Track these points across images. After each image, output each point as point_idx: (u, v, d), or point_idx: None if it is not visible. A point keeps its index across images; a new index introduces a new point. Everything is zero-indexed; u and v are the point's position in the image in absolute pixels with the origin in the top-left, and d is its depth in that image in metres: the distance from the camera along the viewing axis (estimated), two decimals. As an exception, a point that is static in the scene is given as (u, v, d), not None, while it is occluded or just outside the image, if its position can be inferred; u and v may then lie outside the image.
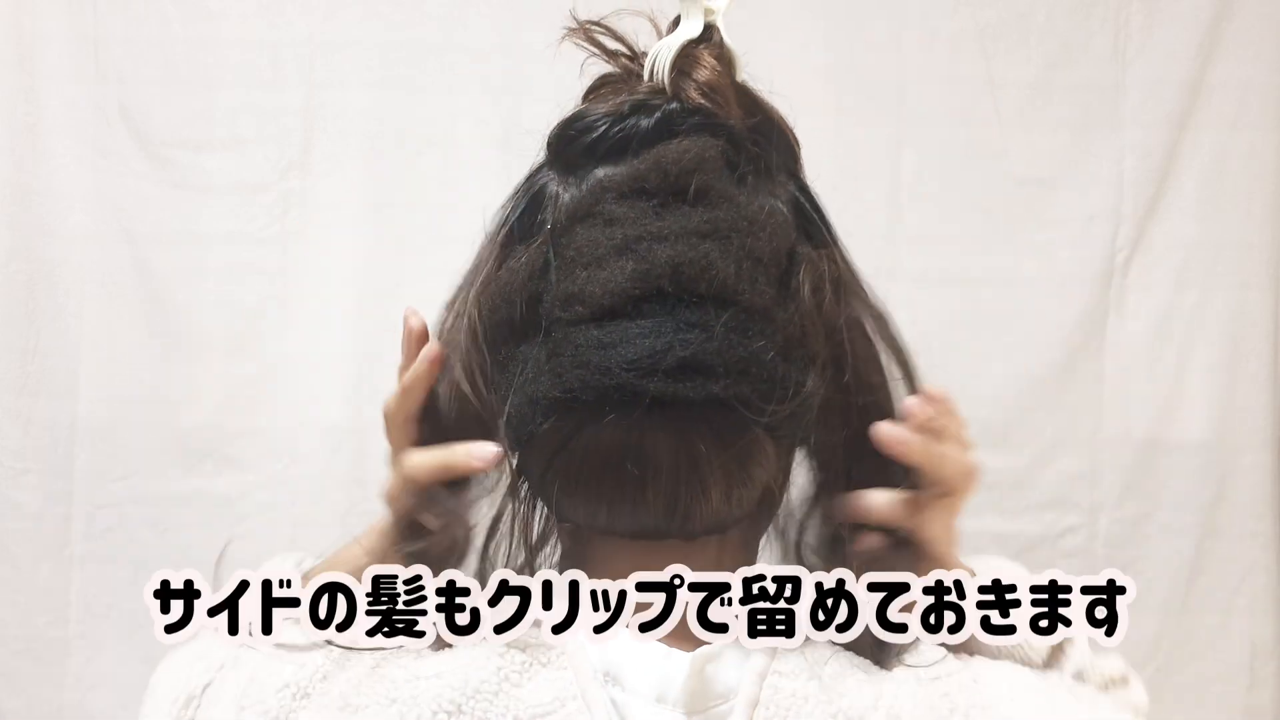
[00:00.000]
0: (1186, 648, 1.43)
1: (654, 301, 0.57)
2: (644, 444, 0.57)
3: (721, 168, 0.61)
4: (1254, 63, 1.44)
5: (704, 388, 0.56)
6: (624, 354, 0.56)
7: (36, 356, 1.40)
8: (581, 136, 0.63)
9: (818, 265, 0.63)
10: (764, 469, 0.60)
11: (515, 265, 0.61)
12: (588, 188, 0.61)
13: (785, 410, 0.58)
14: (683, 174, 0.60)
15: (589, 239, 0.59)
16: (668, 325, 0.57)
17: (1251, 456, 1.43)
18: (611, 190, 0.60)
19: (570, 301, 0.58)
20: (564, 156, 0.64)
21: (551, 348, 0.59)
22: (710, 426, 0.57)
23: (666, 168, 0.60)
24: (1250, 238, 1.45)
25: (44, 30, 1.41)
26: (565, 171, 0.63)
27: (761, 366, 0.58)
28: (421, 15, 1.42)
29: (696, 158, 0.60)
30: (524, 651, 0.58)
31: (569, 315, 0.58)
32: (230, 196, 1.42)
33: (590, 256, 0.59)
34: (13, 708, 1.40)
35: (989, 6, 1.44)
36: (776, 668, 0.58)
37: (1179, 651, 1.43)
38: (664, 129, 0.61)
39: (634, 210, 0.59)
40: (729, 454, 0.58)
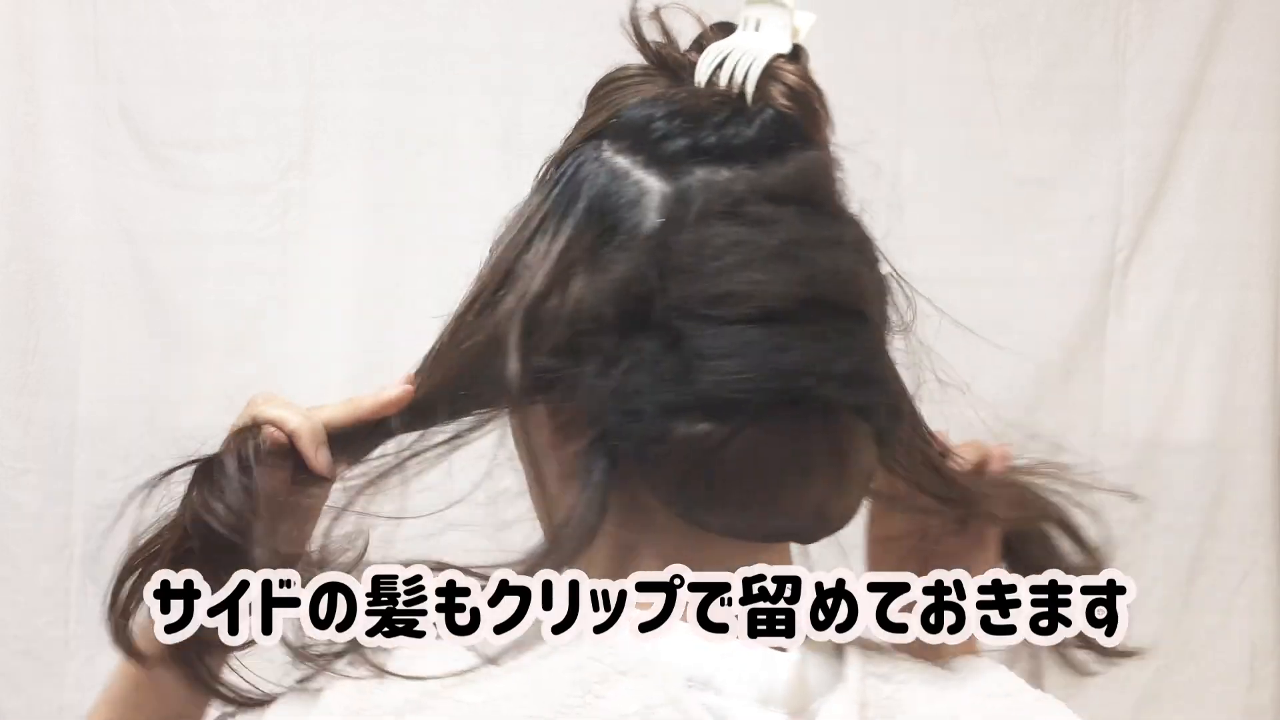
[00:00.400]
0: (1186, 648, 1.43)
1: (815, 307, 0.58)
2: (808, 448, 0.58)
3: (832, 181, 0.63)
4: (1254, 63, 1.44)
5: (864, 395, 0.58)
6: (796, 358, 0.56)
7: (36, 356, 1.40)
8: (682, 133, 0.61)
9: (891, 283, 0.66)
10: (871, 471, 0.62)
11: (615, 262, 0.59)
12: (712, 187, 0.59)
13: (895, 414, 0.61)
14: (818, 185, 0.61)
15: (734, 239, 0.58)
16: (831, 332, 0.58)
17: (1251, 456, 1.44)
18: (759, 192, 0.59)
19: (718, 301, 0.57)
20: (657, 151, 0.61)
21: (693, 348, 0.57)
22: (852, 430, 0.59)
23: (807, 176, 0.61)
24: (1250, 238, 1.45)
25: (44, 30, 1.41)
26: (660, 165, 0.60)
27: (890, 381, 0.62)
28: (421, 15, 1.42)
29: (817, 167, 0.62)
30: (600, 661, 0.56)
31: (718, 314, 0.57)
32: (230, 196, 1.42)
33: (740, 257, 0.57)
34: (13, 708, 1.40)
35: (989, 6, 1.44)
36: (871, 669, 0.59)
37: (1179, 651, 1.43)
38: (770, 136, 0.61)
39: (782, 214, 0.59)
40: (862, 455, 0.60)
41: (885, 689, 0.58)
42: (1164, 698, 1.43)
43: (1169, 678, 1.42)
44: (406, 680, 0.56)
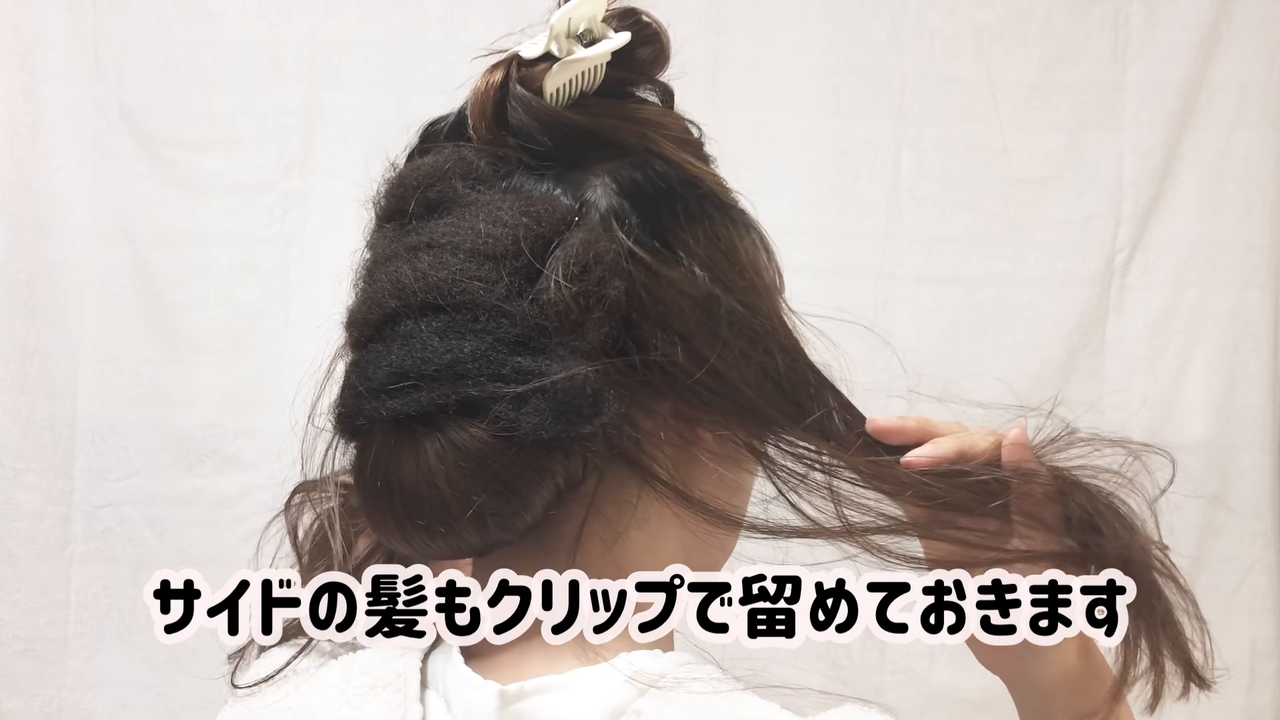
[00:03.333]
0: (1186, 648, 1.43)
1: (387, 323, 0.58)
2: (388, 466, 0.57)
3: (460, 174, 0.61)
4: (1254, 63, 1.44)
5: (414, 399, 0.55)
6: (359, 377, 0.58)
7: (36, 356, 1.40)
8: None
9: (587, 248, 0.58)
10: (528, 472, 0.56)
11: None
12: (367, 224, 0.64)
13: (527, 407, 0.55)
14: (418, 189, 0.60)
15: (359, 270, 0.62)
16: (395, 343, 0.57)
17: (1251, 456, 1.43)
18: (374, 220, 0.63)
19: (346, 333, 0.61)
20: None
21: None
22: (449, 440, 0.55)
23: (406, 186, 0.61)
24: (1250, 238, 1.45)
25: (44, 30, 1.41)
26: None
27: (483, 366, 0.55)
28: (421, 15, 1.42)
29: (429, 171, 0.61)
30: (371, 676, 0.59)
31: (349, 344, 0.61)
32: (230, 196, 1.42)
33: (355, 289, 0.62)
34: (13, 708, 1.40)
35: (988, 6, 1.44)
36: (638, 707, 0.54)
37: (1179, 651, 1.43)
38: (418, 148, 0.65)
39: (380, 236, 0.62)
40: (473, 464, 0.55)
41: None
42: (1164, 697, 1.42)
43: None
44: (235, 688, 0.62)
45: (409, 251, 0.59)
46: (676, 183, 0.62)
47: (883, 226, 1.44)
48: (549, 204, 0.60)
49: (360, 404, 0.57)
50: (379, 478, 0.57)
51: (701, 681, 0.55)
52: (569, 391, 0.55)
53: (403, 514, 0.57)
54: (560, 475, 0.57)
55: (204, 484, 1.41)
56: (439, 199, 0.60)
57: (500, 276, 0.57)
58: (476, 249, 0.57)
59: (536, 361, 0.56)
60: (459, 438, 0.55)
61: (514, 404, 0.55)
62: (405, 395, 0.56)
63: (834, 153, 1.43)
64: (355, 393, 0.58)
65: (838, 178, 1.43)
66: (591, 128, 0.62)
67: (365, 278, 0.61)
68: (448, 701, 0.58)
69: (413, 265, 0.58)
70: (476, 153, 0.61)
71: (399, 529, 0.57)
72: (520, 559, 0.59)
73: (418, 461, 0.56)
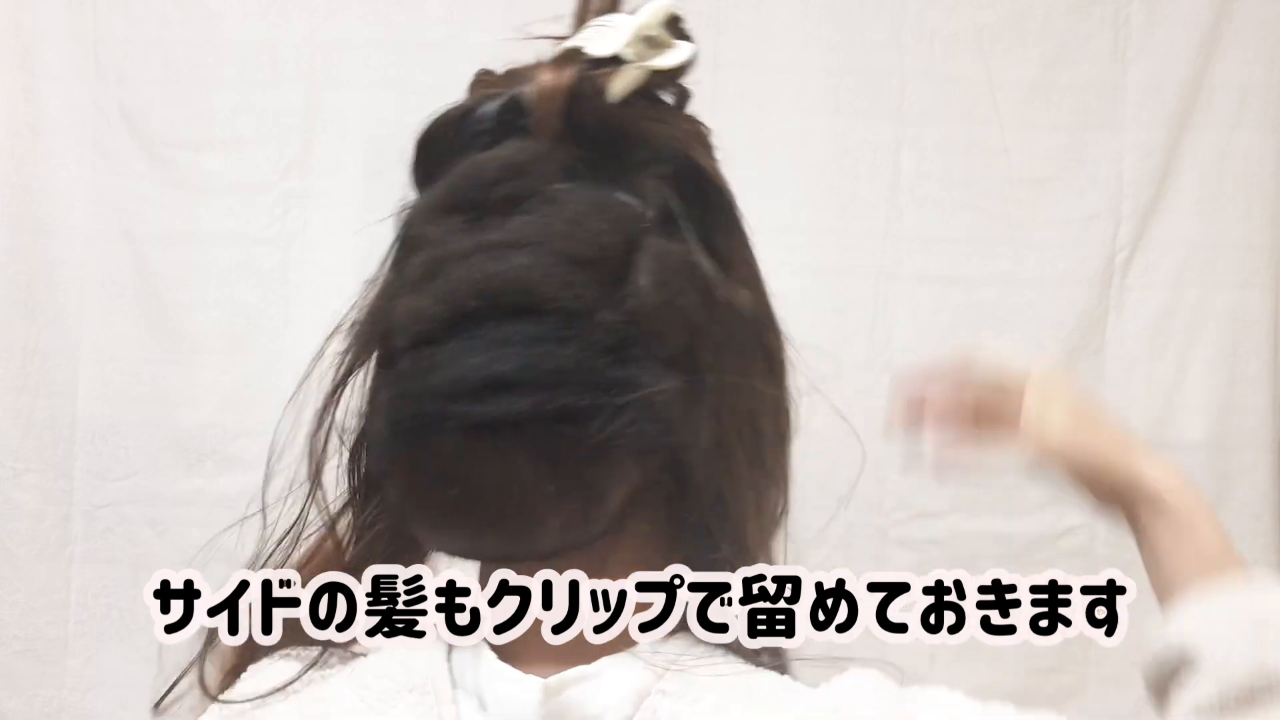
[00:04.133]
0: (1186, 648, 1.43)
1: (463, 323, 0.56)
2: (467, 471, 0.55)
3: (536, 170, 0.59)
4: (1254, 63, 1.44)
5: (510, 405, 0.54)
6: (432, 381, 0.55)
7: (36, 356, 1.40)
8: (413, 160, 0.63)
9: (666, 258, 0.59)
10: (615, 482, 0.57)
11: (376, 293, 0.61)
12: (403, 217, 0.61)
13: (624, 417, 0.55)
14: (491, 183, 0.58)
15: (406, 267, 0.59)
16: (478, 345, 0.55)
17: (1251, 456, 1.43)
18: (423, 210, 0.60)
19: (392, 333, 0.58)
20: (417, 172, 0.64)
21: (386, 380, 0.59)
22: (534, 444, 0.55)
23: (475, 177, 0.59)
24: (1250, 238, 1.45)
25: (44, 30, 1.41)
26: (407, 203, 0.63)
27: (581, 374, 0.55)
28: (421, 15, 1.42)
29: (504, 164, 0.59)
30: (391, 679, 0.57)
31: (400, 343, 0.58)
32: (230, 196, 1.42)
33: (407, 285, 0.58)
34: (13, 707, 1.40)
35: (988, 6, 1.44)
36: (662, 687, 0.56)
37: (1179, 651, 1.42)
38: (475, 135, 0.61)
39: (441, 229, 0.58)
40: (560, 471, 0.55)
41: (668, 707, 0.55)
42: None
43: (1169, 678, 1.42)
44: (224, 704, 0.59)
45: (488, 249, 0.56)
46: (713, 192, 0.63)
47: (883, 226, 1.44)
48: (623, 210, 0.59)
49: (437, 407, 0.55)
50: (453, 483, 0.55)
51: (720, 663, 0.56)
52: (661, 404, 0.56)
53: (481, 518, 0.56)
54: (636, 482, 0.57)
55: (204, 484, 1.41)
56: (516, 195, 0.58)
57: (589, 282, 0.56)
58: (564, 252, 0.56)
59: (627, 371, 0.56)
60: (551, 445, 0.55)
61: (611, 414, 0.55)
62: (498, 401, 0.54)
63: (834, 153, 1.43)
64: (428, 395, 0.55)
65: (838, 178, 1.43)
66: (647, 133, 0.61)
67: (428, 271, 0.57)
68: (481, 700, 0.57)
69: (496, 264, 0.56)
70: (548, 150, 0.60)
71: (470, 532, 0.57)
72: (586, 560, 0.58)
73: (505, 467, 0.55)
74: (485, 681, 0.57)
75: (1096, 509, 0.71)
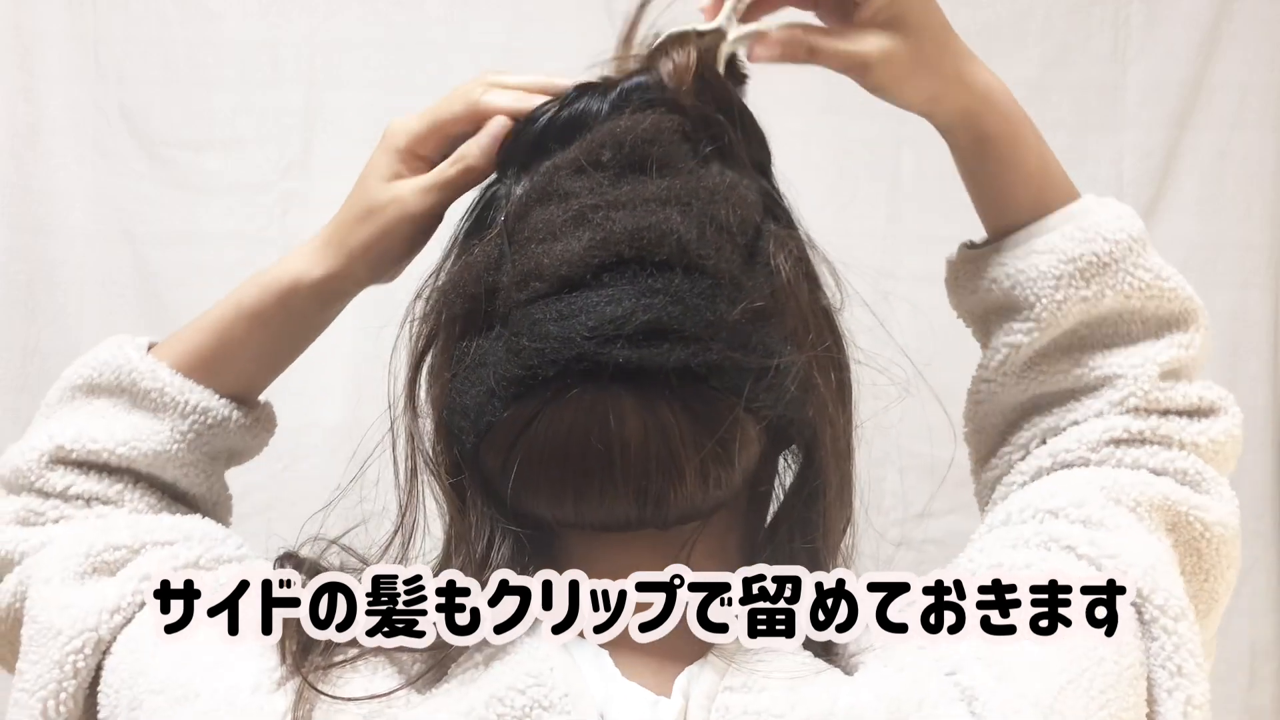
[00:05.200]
0: (1186, 647, 1.43)
1: (614, 270, 0.56)
2: (611, 418, 0.54)
3: (679, 141, 0.60)
4: (1254, 63, 1.44)
5: (670, 353, 0.54)
6: (584, 322, 0.55)
7: (36, 356, 1.40)
8: (527, 128, 0.63)
9: (788, 244, 0.62)
10: (744, 448, 0.58)
11: (469, 259, 0.61)
12: (540, 172, 0.60)
13: (762, 383, 0.56)
14: (638, 144, 0.59)
15: (543, 218, 0.58)
16: (630, 292, 0.55)
17: (1251, 456, 1.43)
18: (564, 168, 0.59)
19: (526, 280, 0.57)
20: (513, 157, 0.64)
21: (510, 331, 0.57)
22: (680, 397, 0.55)
23: (621, 139, 0.59)
24: (1250, 238, 1.44)
25: (44, 30, 1.41)
26: (517, 169, 0.63)
27: (732, 333, 0.56)
28: (422, 15, 1.42)
29: (652, 128, 0.59)
30: (523, 694, 0.55)
31: (526, 294, 0.57)
32: (230, 196, 1.42)
33: (545, 233, 0.57)
34: (13, 708, 1.40)
35: (989, 6, 1.44)
36: (728, 684, 0.56)
37: (1179, 651, 1.42)
38: (617, 106, 0.61)
39: (589, 183, 0.58)
40: (702, 427, 0.56)
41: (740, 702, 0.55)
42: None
43: (1169, 677, 1.42)
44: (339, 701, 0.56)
45: (644, 201, 0.57)
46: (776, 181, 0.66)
47: (883, 226, 1.44)
48: (748, 192, 0.61)
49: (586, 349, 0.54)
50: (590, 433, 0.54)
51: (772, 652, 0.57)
52: (794, 376, 0.57)
53: (618, 473, 0.55)
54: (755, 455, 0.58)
55: (204, 484, 1.41)
56: (658, 159, 0.59)
57: (734, 250, 0.58)
58: (713, 218, 0.57)
59: (768, 339, 0.57)
60: (698, 399, 0.55)
61: (756, 377, 0.56)
62: (652, 347, 0.54)
63: (834, 153, 1.43)
64: (574, 339, 0.54)
65: (838, 178, 1.43)
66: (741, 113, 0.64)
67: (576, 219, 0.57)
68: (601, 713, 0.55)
69: (651, 216, 0.56)
70: (679, 123, 0.61)
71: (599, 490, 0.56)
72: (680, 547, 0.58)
73: (652, 417, 0.54)
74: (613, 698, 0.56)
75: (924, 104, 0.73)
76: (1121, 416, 0.69)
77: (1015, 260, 0.71)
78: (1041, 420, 0.72)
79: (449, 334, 0.61)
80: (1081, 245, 0.69)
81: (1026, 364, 0.72)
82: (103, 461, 0.71)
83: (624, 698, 0.56)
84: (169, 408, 0.71)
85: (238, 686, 0.57)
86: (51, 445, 0.71)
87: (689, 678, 0.57)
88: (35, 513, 0.70)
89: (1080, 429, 0.70)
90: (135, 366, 0.72)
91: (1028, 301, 0.70)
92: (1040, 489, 0.66)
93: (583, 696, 0.55)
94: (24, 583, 0.66)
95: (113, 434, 0.70)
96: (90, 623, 0.61)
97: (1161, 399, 0.69)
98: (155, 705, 0.57)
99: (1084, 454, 0.69)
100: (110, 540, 0.65)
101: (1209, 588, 0.67)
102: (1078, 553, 0.61)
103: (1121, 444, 0.68)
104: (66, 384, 0.74)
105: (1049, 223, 0.70)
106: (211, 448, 0.74)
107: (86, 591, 0.63)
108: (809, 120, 1.42)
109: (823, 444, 0.61)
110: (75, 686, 0.61)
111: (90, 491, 0.70)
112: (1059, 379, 0.71)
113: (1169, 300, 0.72)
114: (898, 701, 0.55)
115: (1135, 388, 0.69)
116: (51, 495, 0.70)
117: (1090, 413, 0.70)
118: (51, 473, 0.70)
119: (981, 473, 0.76)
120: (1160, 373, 0.70)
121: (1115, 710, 0.56)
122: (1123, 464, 0.68)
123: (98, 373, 0.73)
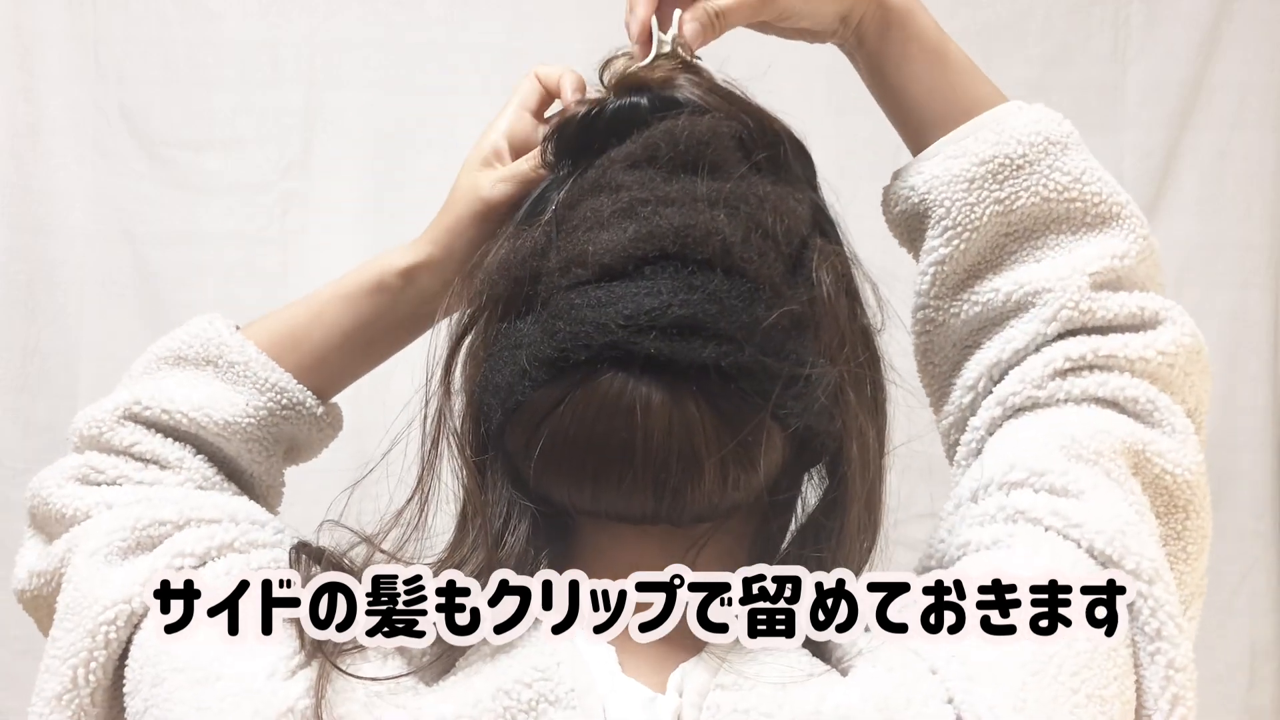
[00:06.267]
0: (1186, 648, 1.43)
1: (656, 264, 0.56)
2: (637, 407, 0.55)
3: (734, 147, 0.61)
4: (1254, 63, 1.44)
5: (702, 350, 0.55)
6: (621, 310, 0.55)
7: (36, 356, 1.40)
8: (581, 120, 0.63)
9: (832, 258, 0.63)
10: (767, 453, 0.58)
11: (518, 244, 0.61)
12: (596, 165, 0.61)
13: (791, 390, 0.57)
14: (694, 145, 0.59)
15: (593, 207, 0.59)
16: (669, 286, 0.55)
17: (1251, 456, 1.43)
18: (620, 161, 0.60)
19: (569, 265, 0.58)
20: (566, 147, 0.64)
21: (549, 314, 0.58)
22: (707, 394, 0.56)
23: (678, 137, 0.59)
24: (1250, 238, 1.44)
25: (44, 30, 1.41)
26: (571, 164, 0.64)
27: (766, 338, 0.56)
28: (422, 15, 1.42)
29: (710, 131, 0.60)
30: (529, 687, 0.55)
31: (568, 280, 0.57)
32: (230, 196, 1.42)
33: (593, 221, 0.58)
34: (13, 707, 1.40)
35: (988, 6, 1.44)
36: (719, 681, 0.56)
37: (1179, 651, 1.42)
38: (667, 106, 0.62)
39: (642, 177, 0.59)
40: (726, 426, 0.56)
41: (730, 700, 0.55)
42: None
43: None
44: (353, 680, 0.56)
45: (693, 200, 0.57)
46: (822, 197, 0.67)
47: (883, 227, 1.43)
48: (796, 204, 0.62)
49: (620, 337, 0.55)
50: (614, 420, 0.55)
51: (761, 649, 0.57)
52: (826, 388, 0.58)
53: (638, 462, 0.55)
54: (778, 463, 0.59)
55: (204, 484, 1.41)
56: (710, 161, 0.59)
57: (778, 258, 0.58)
58: (759, 224, 0.58)
59: (802, 349, 0.57)
60: (726, 398, 0.56)
61: (786, 384, 0.56)
62: (686, 341, 0.55)
63: (834, 153, 1.43)
64: (609, 326, 0.55)
65: (838, 178, 1.43)
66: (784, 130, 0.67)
67: (625, 210, 0.58)
68: (604, 708, 0.56)
69: (698, 215, 0.57)
70: (738, 128, 0.62)
71: (619, 477, 0.56)
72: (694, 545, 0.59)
73: (678, 411, 0.55)
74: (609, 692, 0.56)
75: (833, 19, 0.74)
76: (1061, 342, 0.67)
77: (931, 167, 0.71)
78: (983, 355, 0.70)
79: (490, 314, 0.61)
80: (994, 147, 0.69)
81: (958, 286, 0.71)
82: (174, 424, 0.72)
83: (623, 693, 0.57)
84: (249, 381, 0.73)
85: (254, 673, 0.57)
86: (129, 399, 0.72)
87: (683, 674, 0.57)
88: (96, 469, 0.71)
89: (1021, 368, 0.67)
90: (225, 340, 0.75)
91: (942, 205, 0.70)
92: (999, 459, 0.64)
93: (589, 692, 0.56)
94: (71, 549, 0.67)
95: (189, 398, 0.72)
96: (124, 595, 0.62)
97: (1097, 310, 0.66)
98: (177, 683, 0.58)
99: (1031, 393, 0.66)
100: (157, 515, 0.65)
101: (1193, 525, 0.65)
102: (1045, 525, 0.60)
103: (1067, 374, 0.66)
104: (153, 356, 0.76)
105: (965, 129, 0.71)
106: (279, 431, 0.75)
107: (127, 566, 0.64)
108: (810, 119, 1.41)
109: (848, 459, 0.61)
110: (106, 657, 0.62)
111: (152, 452, 0.71)
112: (990, 299, 0.69)
113: (1093, 204, 0.69)
114: (886, 701, 0.55)
115: (1065, 299, 0.66)
116: (116, 451, 0.71)
117: (1025, 335, 0.67)
118: (122, 428, 0.71)
119: (939, 420, 0.75)
120: (1091, 283, 0.67)
121: (1093, 689, 0.55)
122: (1071, 397, 0.65)
123: (186, 345, 0.75)
